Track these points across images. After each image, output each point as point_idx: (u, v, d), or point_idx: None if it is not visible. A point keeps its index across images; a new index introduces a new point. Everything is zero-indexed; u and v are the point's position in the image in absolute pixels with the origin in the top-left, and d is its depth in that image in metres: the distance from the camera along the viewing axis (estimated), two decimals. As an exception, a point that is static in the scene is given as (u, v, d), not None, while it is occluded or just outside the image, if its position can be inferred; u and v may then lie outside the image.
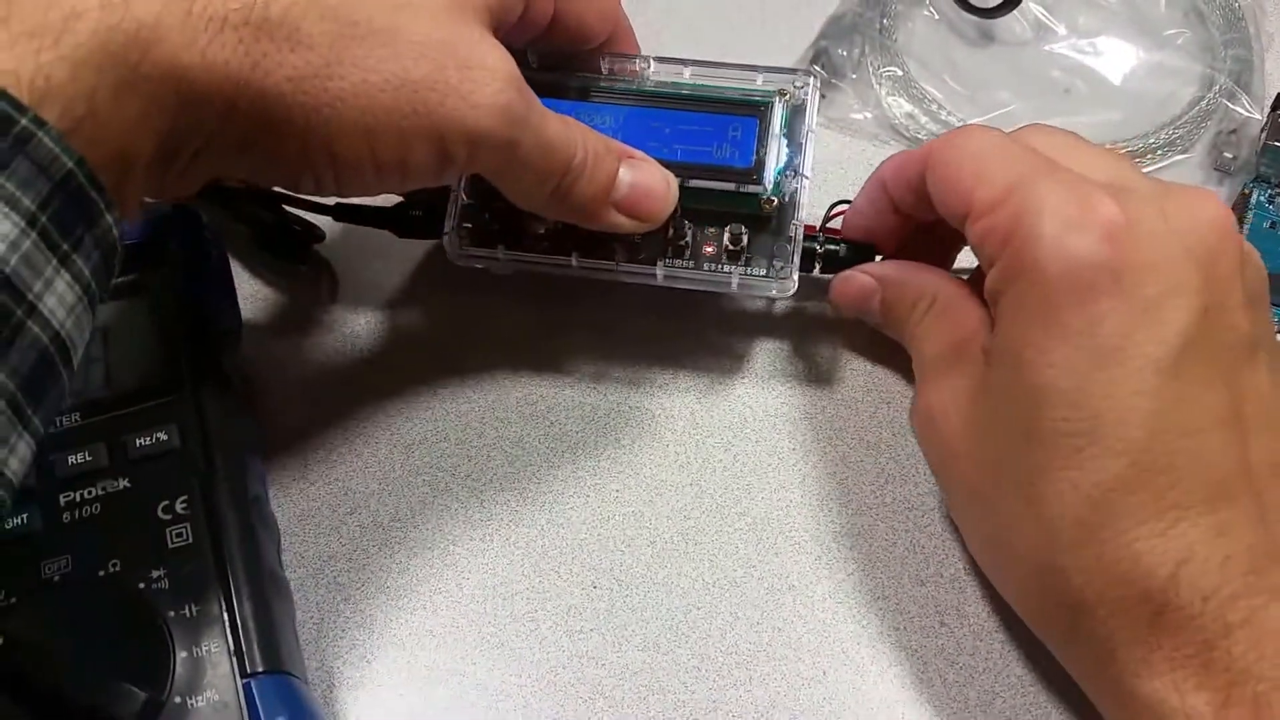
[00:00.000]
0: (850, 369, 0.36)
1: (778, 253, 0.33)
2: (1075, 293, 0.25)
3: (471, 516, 0.34)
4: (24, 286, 0.21)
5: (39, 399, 0.21)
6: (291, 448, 0.35)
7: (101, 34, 0.22)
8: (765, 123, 0.33)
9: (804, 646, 0.32)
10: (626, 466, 0.35)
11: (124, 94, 0.22)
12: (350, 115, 0.25)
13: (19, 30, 0.21)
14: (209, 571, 0.28)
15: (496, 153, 0.28)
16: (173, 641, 0.27)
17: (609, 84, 0.34)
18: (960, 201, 0.28)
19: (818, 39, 0.43)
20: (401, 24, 0.25)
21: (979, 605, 0.32)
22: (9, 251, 0.20)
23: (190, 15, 0.23)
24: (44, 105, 0.21)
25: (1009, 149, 0.29)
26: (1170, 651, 0.25)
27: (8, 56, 0.21)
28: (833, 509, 0.34)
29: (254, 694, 0.27)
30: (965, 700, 0.31)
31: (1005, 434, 0.27)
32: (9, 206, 0.20)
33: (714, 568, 0.33)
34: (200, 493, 0.29)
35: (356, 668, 0.32)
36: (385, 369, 0.37)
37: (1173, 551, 0.25)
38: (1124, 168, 0.29)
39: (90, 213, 0.22)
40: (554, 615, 0.32)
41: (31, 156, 0.21)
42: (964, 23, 0.44)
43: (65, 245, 0.22)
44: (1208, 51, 0.43)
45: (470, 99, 0.26)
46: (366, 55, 0.25)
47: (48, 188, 0.21)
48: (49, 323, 0.21)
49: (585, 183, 0.30)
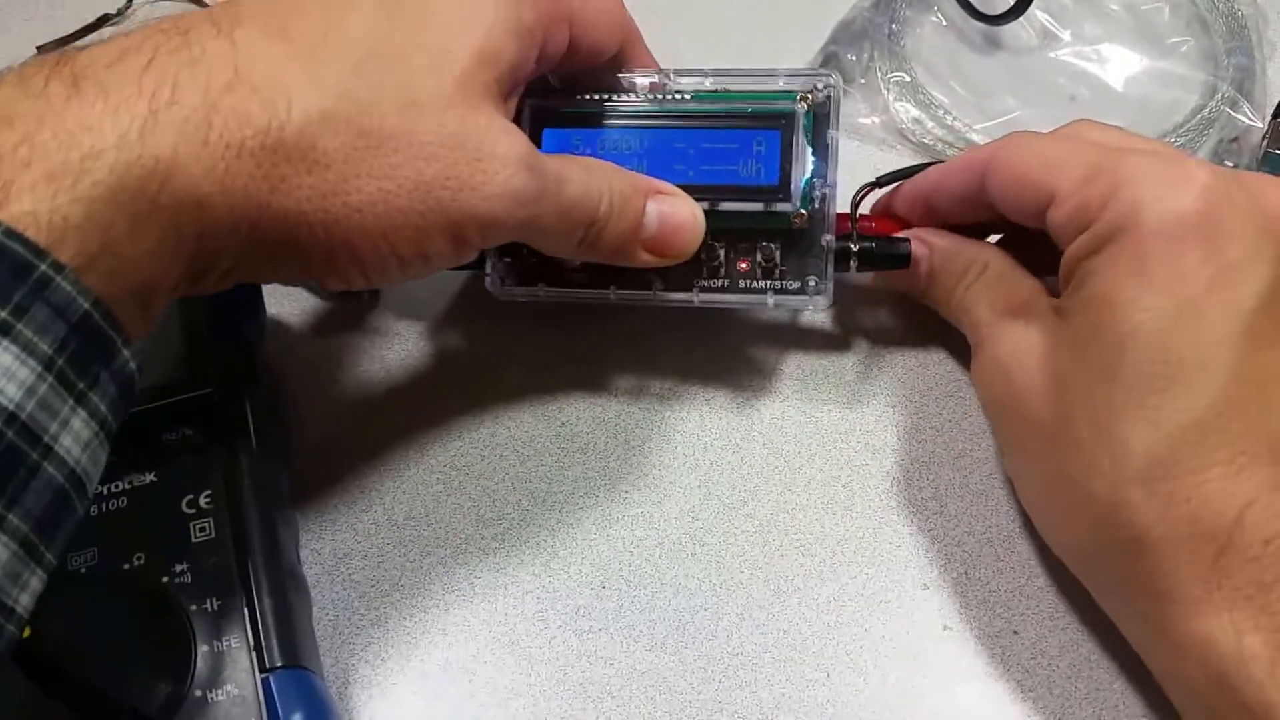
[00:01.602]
0: (856, 373, 0.37)
1: (812, 269, 0.33)
2: (1170, 246, 0.27)
3: (483, 516, 0.34)
4: (40, 429, 0.21)
5: (53, 536, 0.22)
6: (312, 447, 0.36)
7: (119, 170, 0.22)
8: (789, 135, 0.33)
9: (809, 648, 0.32)
10: (635, 469, 0.35)
11: (141, 227, 0.23)
12: (369, 222, 0.26)
13: (39, 172, 0.21)
14: (231, 566, 0.29)
15: (514, 231, 0.28)
16: (194, 635, 0.28)
17: (630, 106, 0.34)
18: (1039, 194, 0.30)
19: (827, 44, 0.43)
20: (412, 125, 0.26)
21: (980, 610, 0.33)
22: (25, 397, 0.21)
23: (206, 145, 0.23)
24: (61, 245, 0.21)
25: (1075, 141, 0.31)
26: (1230, 592, 0.26)
27: (29, 198, 0.21)
28: (838, 512, 0.34)
29: (272, 688, 0.27)
30: (969, 706, 0.31)
31: (1087, 377, 0.29)
32: (27, 352, 0.21)
33: (721, 569, 0.34)
34: (224, 487, 0.30)
35: (370, 665, 0.32)
36: (403, 372, 0.37)
37: (1240, 494, 0.26)
38: (1183, 153, 0.31)
39: (108, 350, 0.23)
40: (563, 615, 0.33)
41: (50, 301, 0.21)
42: (971, 29, 0.45)
43: (82, 384, 0.22)
44: (1210, 60, 0.43)
45: (481, 191, 0.26)
46: (381, 164, 0.25)
47: (65, 330, 0.21)
48: (64, 461, 0.22)
49: (612, 229, 0.30)
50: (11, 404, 0.20)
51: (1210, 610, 0.26)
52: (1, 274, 0.20)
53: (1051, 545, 0.32)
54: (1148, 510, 0.27)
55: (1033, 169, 0.31)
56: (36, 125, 0.22)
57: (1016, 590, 0.33)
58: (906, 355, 0.37)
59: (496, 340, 0.37)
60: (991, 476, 0.35)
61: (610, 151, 0.33)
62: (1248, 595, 0.26)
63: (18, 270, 0.21)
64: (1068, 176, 0.29)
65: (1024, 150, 0.31)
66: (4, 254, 0.21)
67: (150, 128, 0.23)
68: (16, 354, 0.21)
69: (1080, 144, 0.31)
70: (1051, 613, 0.32)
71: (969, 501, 0.34)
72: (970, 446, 0.35)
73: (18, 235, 0.21)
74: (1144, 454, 0.27)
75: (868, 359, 0.37)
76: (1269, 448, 0.27)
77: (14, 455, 0.21)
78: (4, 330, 0.20)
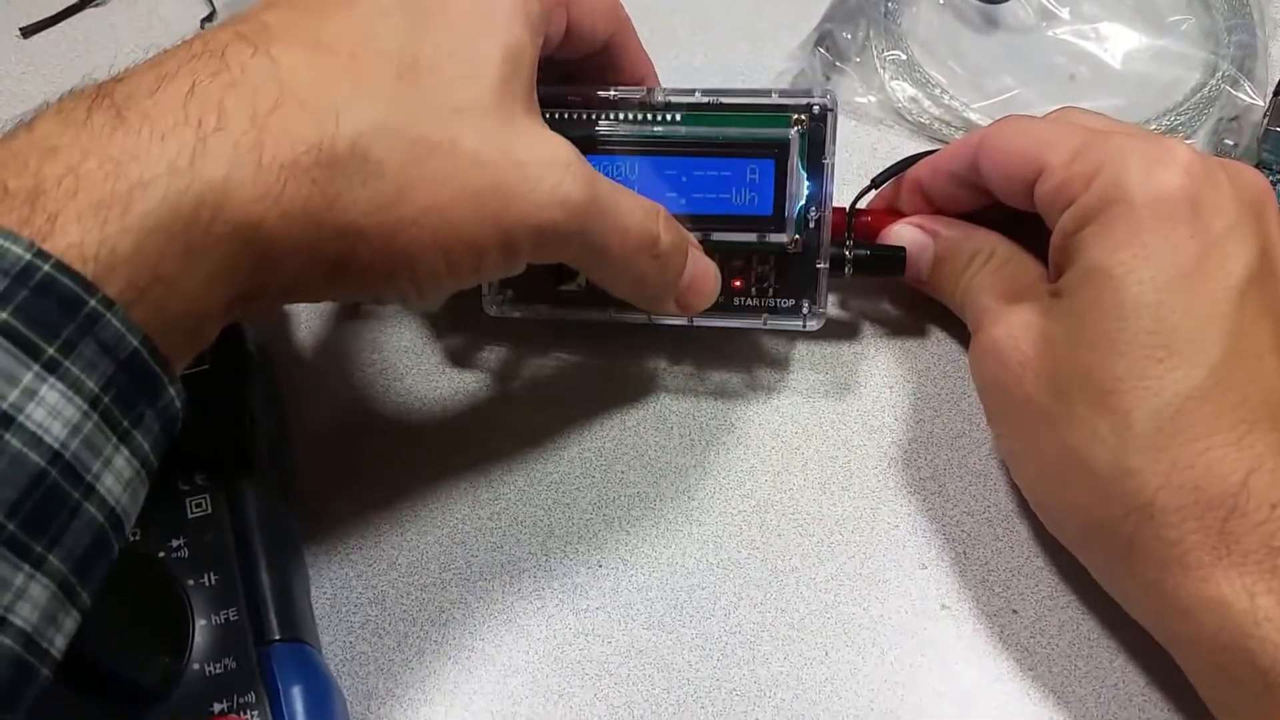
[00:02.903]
0: (853, 354, 0.37)
1: (806, 293, 0.34)
2: (1159, 219, 0.28)
3: (480, 496, 0.35)
4: (83, 469, 0.21)
5: (90, 576, 0.21)
6: (309, 427, 0.36)
7: (171, 199, 0.22)
8: (783, 163, 0.32)
9: (806, 626, 0.32)
10: (632, 449, 0.35)
11: (195, 256, 0.22)
12: (426, 236, 0.25)
13: (86, 202, 0.21)
14: (228, 542, 0.29)
15: (569, 242, 0.27)
16: (192, 609, 0.28)
17: (623, 128, 0.33)
18: (1027, 168, 0.31)
19: (822, 22, 0.43)
20: (458, 133, 0.25)
21: (979, 589, 0.33)
22: (70, 436, 0.20)
23: (260, 167, 0.23)
24: (110, 278, 0.21)
25: (1065, 122, 0.32)
26: (1239, 557, 0.26)
27: (76, 229, 0.21)
28: (835, 492, 0.34)
29: (271, 661, 0.28)
30: (964, 683, 0.31)
31: (1085, 351, 0.29)
32: (74, 390, 0.20)
33: (718, 549, 0.34)
34: (221, 463, 0.30)
35: (368, 642, 0.32)
36: (401, 358, 0.37)
37: (1244, 460, 0.27)
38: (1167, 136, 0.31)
39: (153, 388, 0.22)
40: (560, 593, 0.33)
41: (98, 338, 0.21)
42: (968, 8, 0.44)
43: (126, 422, 0.22)
44: (1211, 38, 0.43)
45: (531, 198, 0.26)
46: (433, 173, 0.25)
47: (112, 368, 0.21)
48: (105, 501, 0.21)
49: (668, 265, 0.30)
50: (57, 443, 0.20)
51: (1221, 575, 0.27)
52: (50, 309, 0.20)
53: (1049, 525, 0.32)
54: (1152, 478, 0.27)
55: (1021, 146, 0.31)
56: (81, 156, 0.21)
57: (1015, 569, 0.33)
58: (904, 336, 0.37)
59: (489, 331, 0.37)
60: (990, 456, 0.35)
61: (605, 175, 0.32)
62: (1258, 559, 0.26)
63: (66, 305, 0.20)
64: (1055, 152, 0.30)
65: (1013, 129, 0.32)
66: (53, 288, 0.20)
67: (200, 154, 0.22)
68: (63, 391, 0.20)
69: (1069, 125, 0.31)
70: (1050, 592, 0.32)
71: (967, 481, 0.34)
72: (969, 427, 0.35)
73: (67, 268, 0.20)
74: (1147, 423, 0.27)
75: (865, 340, 0.37)
76: (1269, 415, 0.27)
77: (57, 495, 0.20)
78: (52, 367, 0.20)
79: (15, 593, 0.20)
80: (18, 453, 0.20)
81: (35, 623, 0.20)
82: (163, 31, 0.45)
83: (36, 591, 0.20)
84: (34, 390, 0.20)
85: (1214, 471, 0.27)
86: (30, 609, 0.20)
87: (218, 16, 0.45)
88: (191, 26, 0.45)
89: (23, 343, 0.20)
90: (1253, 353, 0.28)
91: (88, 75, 0.24)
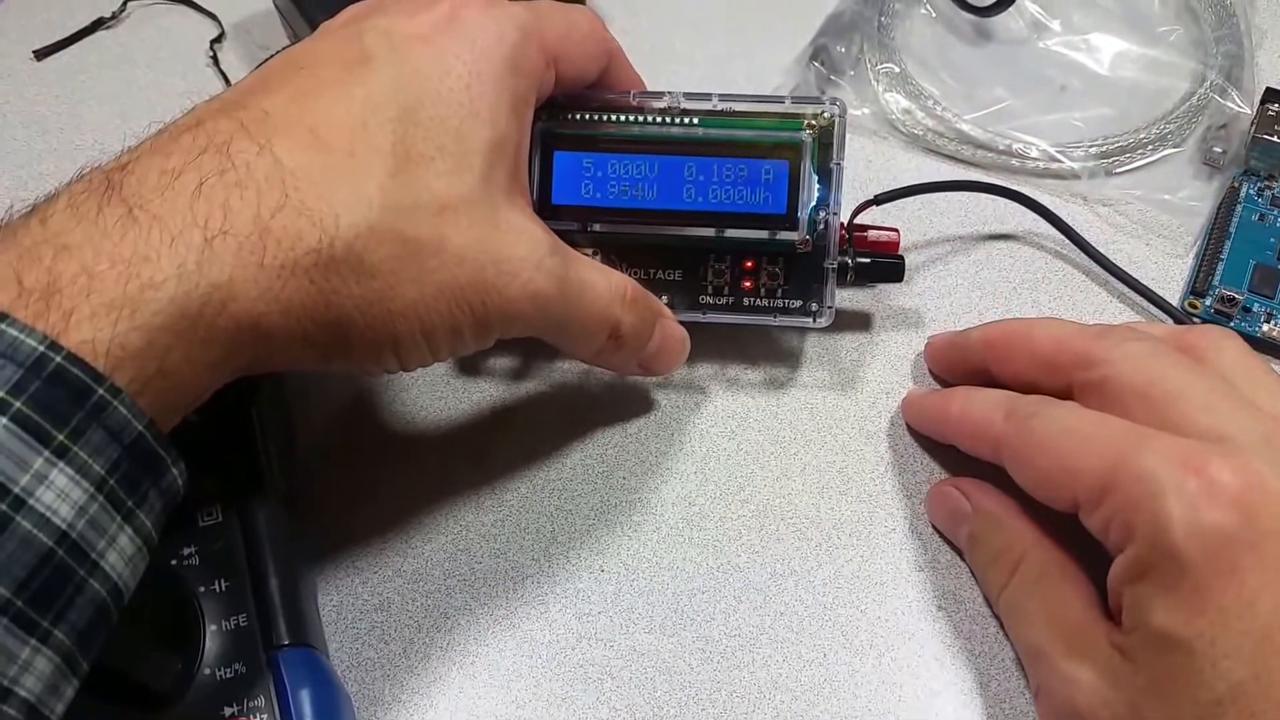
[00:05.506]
0: (851, 360, 0.38)
1: (814, 292, 0.34)
2: (1221, 575, 0.25)
3: (484, 503, 0.35)
4: (88, 547, 0.22)
5: (91, 647, 0.22)
6: (316, 434, 0.36)
7: (179, 300, 0.23)
8: (797, 164, 0.33)
9: (805, 629, 0.33)
10: (633, 454, 0.36)
11: (198, 349, 0.24)
12: (410, 326, 0.27)
13: (99, 302, 0.22)
14: (237, 549, 0.29)
15: (536, 327, 0.30)
16: (203, 615, 0.28)
17: (640, 129, 0.34)
18: (1062, 497, 0.28)
19: (817, 36, 0.44)
20: (445, 232, 0.27)
21: (974, 591, 0.33)
22: (77, 517, 0.21)
23: (262, 268, 0.24)
24: (119, 370, 0.22)
25: (1086, 424, 0.28)
26: None
27: (89, 327, 0.22)
28: (833, 496, 0.35)
29: (280, 666, 0.28)
30: (961, 682, 0.32)
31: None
32: (81, 474, 0.22)
33: (718, 553, 0.34)
34: (228, 473, 0.30)
35: (374, 648, 0.33)
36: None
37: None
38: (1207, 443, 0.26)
39: (157, 469, 0.23)
40: (563, 598, 0.33)
41: (105, 424, 0.22)
42: (961, 20, 0.45)
43: (130, 502, 0.23)
44: (1200, 48, 0.44)
45: (505, 292, 0.28)
46: (420, 270, 0.27)
47: (118, 452, 0.22)
48: (109, 576, 0.22)
49: (628, 346, 0.33)
50: (64, 524, 0.21)
51: None
52: (61, 397, 0.21)
53: None
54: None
55: (1050, 466, 0.28)
56: (94, 255, 0.23)
57: (1009, 570, 0.33)
58: (901, 341, 0.38)
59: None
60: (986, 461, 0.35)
61: (621, 176, 0.34)
62: None
63: (76, 394, 0.22)
64: (1084, 484, 0.27)
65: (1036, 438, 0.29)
66: (65, 378, 0.21)
67: (207, 257, 0.24)
68: (71, 475, 0.21)
69: (1092, 431, 0.28)
70: (1044, 592, 0.33)
71: (962, 484, 0.35)
72: (963, 430, 0.36)
73: (78, 360, 0.22)
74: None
75: (863, 344, 0.38)
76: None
77: (63, 573, 0.21)
78: (61, 453, 0.21)
79: (21, 665, 0.21)
80: (27, 533, 0.21)
81: (39, 694, 0.21)
82: (172, 54, 0.46)
83: (41, 664, 0.21)
84: (44, 475, 0.21)
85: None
86: (34, 681, 0.21)
87: (227, 38, 0.46)
88: (202, 49, 0.46)
89: (34, 430, 0.21)
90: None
91: (100, 99, 0.25)
